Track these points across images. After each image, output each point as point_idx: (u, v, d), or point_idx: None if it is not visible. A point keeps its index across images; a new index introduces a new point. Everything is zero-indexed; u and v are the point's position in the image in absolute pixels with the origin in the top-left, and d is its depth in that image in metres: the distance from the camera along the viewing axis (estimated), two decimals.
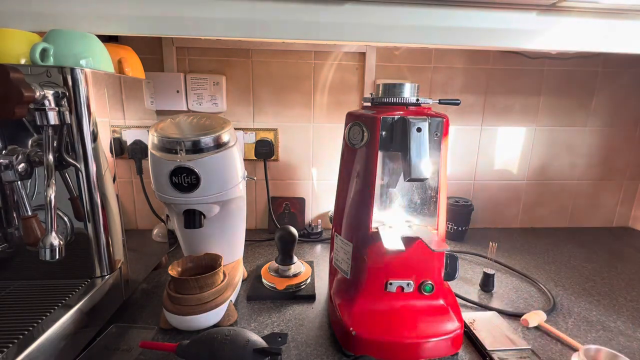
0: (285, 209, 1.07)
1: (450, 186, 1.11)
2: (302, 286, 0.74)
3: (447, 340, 0.55)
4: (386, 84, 0.59)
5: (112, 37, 0.82)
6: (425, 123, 0.52)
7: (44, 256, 0.46)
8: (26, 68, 0.50)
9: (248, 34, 0.67)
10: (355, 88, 1.02)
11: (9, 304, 0.51)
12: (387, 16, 0.68)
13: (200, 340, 0.49)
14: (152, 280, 0.78)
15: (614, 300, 0.74)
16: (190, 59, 0.96)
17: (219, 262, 0.65)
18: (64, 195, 0.54)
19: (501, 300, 0.73)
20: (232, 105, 1.00)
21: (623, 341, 0.61)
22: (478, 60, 1.02)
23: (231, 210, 0.70)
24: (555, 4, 0.67)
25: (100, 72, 0.56)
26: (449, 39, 0.70)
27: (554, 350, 0.58)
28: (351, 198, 0.61)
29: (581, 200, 1.15)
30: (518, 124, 1.08)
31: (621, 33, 0.72)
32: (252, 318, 0.66)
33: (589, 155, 1.12)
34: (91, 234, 0.56)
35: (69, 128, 0.52)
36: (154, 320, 0.64)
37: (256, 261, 0.89)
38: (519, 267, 0.88)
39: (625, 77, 1.06)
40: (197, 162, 0.59)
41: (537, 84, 1.05)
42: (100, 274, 0.58)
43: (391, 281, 0.58)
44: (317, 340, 0.60)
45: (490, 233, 1.10)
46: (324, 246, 0.99)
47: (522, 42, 0.71)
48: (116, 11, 0.64)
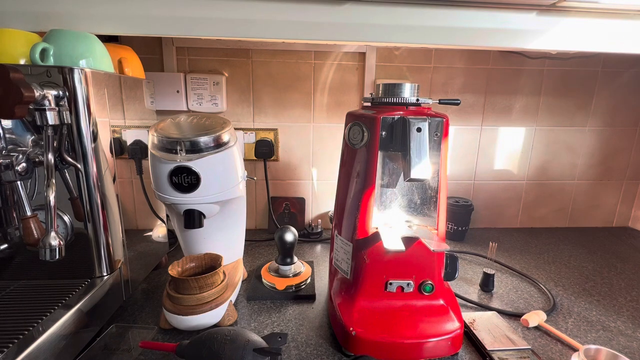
0: (285, 209, 1.07)
1: (450, 186, 1.11)
2: (302, 286, 0.74)
3: (447, 340, 0.55)
4: (386, 84, 0.59)
5: (112, 37, 0.82)
6: (425, 123, 0.52)
7: (44, 256, 0.46)
8: (26, 68, 0.50)
9: (248, 34, 0.67)
10: (355, 88, 1.02)
11: (9, 304, 0.51)
12: (387, 16, 0.67)
13: (200, 340, 0.49)
14: (152, 280, 0.78)
15: (614, 300, 0.74)
16: (190, 59, 0.96)
17: (219, 262, 0.65)
18: (64, 195, 0.54)
19: (501, 300, 0.73)
20: (232, 105, 1.00)
21: (623, 341, 0.61)
22: (478, 60, 1.02)
23: (231, 210, 0.70)
24: (555, 4, 0.67)
25: (100, 72, 0.56)
26: (449, 39, 0.70)
27: (554, 350, 0.58)
28: (351, 198, 0.61)
29: (581, 200, 1.15)
30: (518, 124, 1.08)
31: (621, 33, 0.72)
32: (252, 318, 0.66)
33: (589, 155, 1.12)
34: (91, 234, 0.56)
35: (68, 128, 0.52)
36: (154, 320, 0.64)
37: (256, 261, 0.89)
38: (519, 267, 0.88)
39: (625, 77, 1.06)
40: (197, 162, 0.59)
41: (537, 84, 1.05)
42: (100, 274, 0.58)
43: (391, 281, 0.58)
44: (317, 340, 0.60)
45: (490, 233, 1.10)
46: (324, 246, 0.99)
47: (522, 42, 0.71)
48: (116, 11, 0.64)
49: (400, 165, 0.57)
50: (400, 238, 0.55)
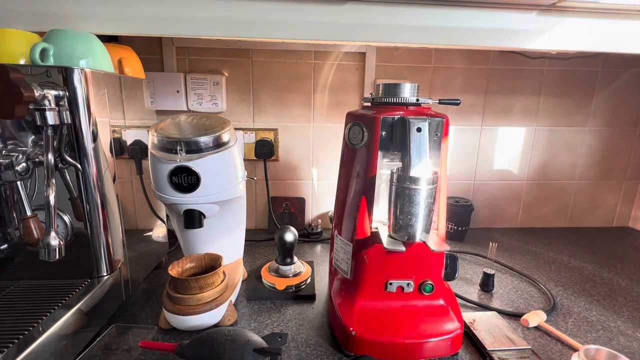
0: (285, 209, 1.07)
1: (450, 186, 1.11)
2: (302, 286, 0.74)
3: (447, 340, 0.55)
4: (386, 84, 0.59)
5: (112, 37, 0.82)
6: (425, 123, 0.52)
7: (44, 256, 0.46)
8: (26, 68, 0.50)
9: (248, 34, 0.67)
10: (355, 88, 1.02)
11: (9, 304, 0.51)
12: (387, 16, 0.67)
13: (200, 340, 0.49)
14: (152, 280, 0.78)
15: (614, 300, 0.74)
16: (190, 59, 0.96)
17: (219, 262, 0.65)
18: (64, 195, 0.54)
19: (501, 300, 0.73)
20: (232, 105, 1.00)
21: (623, 341, 0.61)
22: (478, 60, 1.02)
23: (231, 210, 0.70)
24: (555, 4, 0.67)
25: (100, 72, 0.56)
26: (449, 39, 0.70)
27: (554, 350, 0.58)
28: (351, 198, 0.61)
29: (581, 200, 1.15)
30: (518, 124, 1.08)
31: (621, 33, 0.72)
32: (252, 318, 0.66)
33: (589, 155, 1.12)
34: (91, 234, 0.56)
35: (68, 128, 0.52)
36: (154, 320, 0.64)
37: (256, 261, 0.89)
38: (519, 267, 0.88)
39: (625, 77, 1.06)
40: (197, 162, 0.59)
41: (537, 84, 1.05)
42: (100, 274, 0.58)
43: (391, 281, 0.58)
44: (317, 340, 0.60)
45: (490, 233, 1.10)
46: (324, 246, 0.99)
47: (522, 42, 0.71)
48: (116, 11, 0.64)
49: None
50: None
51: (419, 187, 0.51)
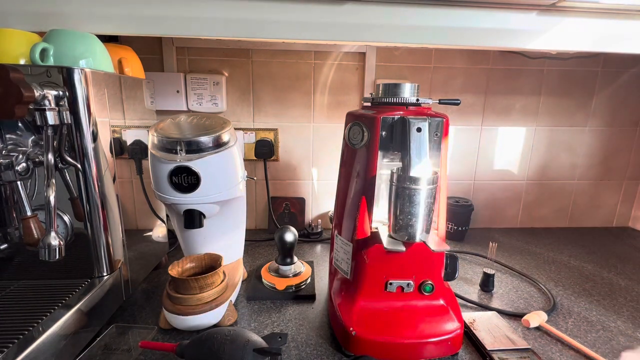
0: (285, 209, 1.07)
1: (450, 186, 1.11)
2: (302, 286, 0.74)
3: (447, 340, 0.55)
4: (386, 84, 0.59)
5: (112, 37, 0.82)
6: (425, 123, 0.52)
7: (44, 256, 0.46)
8: (26, 68, 0.50)
9: (248, 34, 0.67)
10: (355, 88, 1.02)
11: (9, 304, 0.51)
12: (387, 16, 0.67)
13: (200, 340, 0.49)
14: (152, 280, 0.78)
15: (614, 300, 0.74)
16: (190, 59, 0.96)
17: (219, 262, 0.65)
18: (64, 195, 0.54)
19: (501, 300, 0.73)
20: (232, 105, 1.00)
21: (623, 341, 0.61)
22: (478, 60, 1.02)
23: (231, 210, 0.70)
24: (555, 4, 0.67)
25: (100, 72, 0.56)
26: (449, 39, 0.70)
27: (553, 351, 0.58)
28: (351, 198, 0.61)
29: (581, 201, 1.15)
30: (518, 124, 1.08)
31: (621, 33, 0.72)
32: (252, 318, 0.66)
33: (589, 155, 1.12)
34: (91, 234, 0.56)
35: (68, 128, 0.52)
36: (154, 320, 0.64)
37: (256, 261, 0.89)
38: (519, 267, 0.88)
39: (625, 77, 1.06)
40: (197, 162, 0.59)
41: (537, 84, 1.05)
42: (100, 274, 0.58)
43: (391, 281, 0.58)
44: (317, 340, 0.60)
45: (490, 233, 1.10)
46: (324, 246, 0.99)
47: (522, 42, 0.71)
48: (116, 11, 0.64)
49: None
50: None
51: (419, 187, 0.51)
